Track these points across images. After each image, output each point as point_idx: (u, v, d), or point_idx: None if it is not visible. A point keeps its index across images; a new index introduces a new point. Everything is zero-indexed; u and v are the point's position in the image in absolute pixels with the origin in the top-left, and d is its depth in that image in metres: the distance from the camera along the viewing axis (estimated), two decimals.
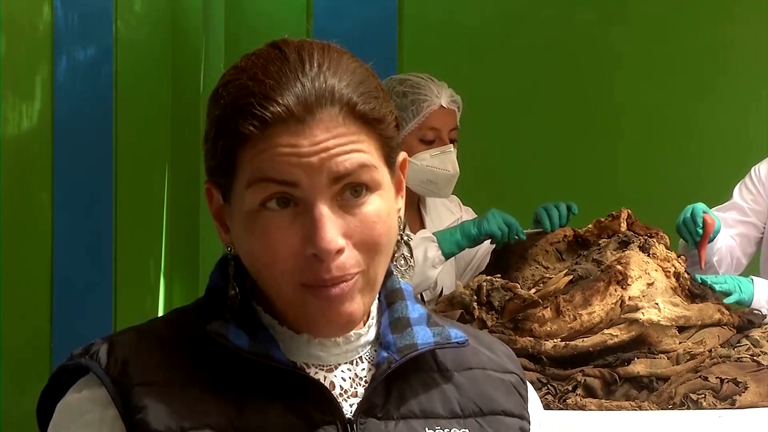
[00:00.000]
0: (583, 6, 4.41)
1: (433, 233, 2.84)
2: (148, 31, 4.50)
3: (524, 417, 1.17)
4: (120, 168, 4.26)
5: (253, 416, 1.06)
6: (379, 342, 1.14)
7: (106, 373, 1.06)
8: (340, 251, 1.04)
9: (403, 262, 1.15)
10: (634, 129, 4.32)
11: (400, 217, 1.14)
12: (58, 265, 4.04)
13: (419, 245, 2.77)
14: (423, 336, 1.13)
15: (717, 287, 2.57)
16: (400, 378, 1.12)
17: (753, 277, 2.73)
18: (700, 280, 2.54)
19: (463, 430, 1.12)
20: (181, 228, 4.42)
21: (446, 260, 2.81)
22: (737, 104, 4.22)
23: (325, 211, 1.04)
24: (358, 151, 1.05)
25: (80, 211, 4.09)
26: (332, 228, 1.04)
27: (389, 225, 1.09)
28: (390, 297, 1.17)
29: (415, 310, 1.16)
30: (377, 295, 1.14)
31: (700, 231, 2.76)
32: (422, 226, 3.02)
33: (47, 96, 4.00)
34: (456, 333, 1.15)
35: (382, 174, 1.08)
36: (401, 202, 1.15)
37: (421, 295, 2.82)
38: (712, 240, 2.82)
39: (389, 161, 1.10)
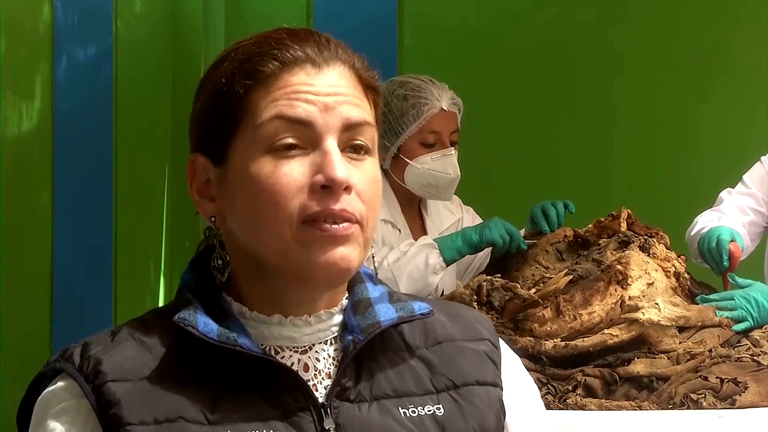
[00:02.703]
0: (583, 6, 4.41)
1: (434, 239, 2.84)
2: (148, 31, 4.49)
3: (498, 384, 1.17)
4: (120, 168, 4.26)
5: (227, 406, 1.07)
6: (345, 327, 1.15)
7: (80, 372, 1.08)
8: (348, 189, 1.08)
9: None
10: (634, 129, 4.32)
11: None
12: (58, 265, 4.03)
13: (420, 252, 2.77)
14: (385, 313, 1.14)
15: (720, 314, 2.45)
16: (369, 359, 1.13)
17: None
18: (702, 302, 2.47)
19: (437, 405, 1.12)
20: (181, 228, 4.42)
21: (447, 267, 2.80)
22: (737, 104, 4.22)
23: (336, 148, 1.08)
24: (363, 109, 1.11)
25: (80, 211, 4.09)
26: (343, 163, 1.08)
27: (380, 192, 1.13)
28: (349, 281, 1.17)
29: (375, 290, 1.17)
30: None
31: (726, 264, 2.68)
32: (423, 226, 3.02)
33: (47, 96, 3.99)
34: (419, 306, 1.16)
35: (376, 146, 1.13)
36: None
37: None
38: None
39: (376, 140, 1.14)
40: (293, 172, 1.07)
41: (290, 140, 1.08)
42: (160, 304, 4.40)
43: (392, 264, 2.74)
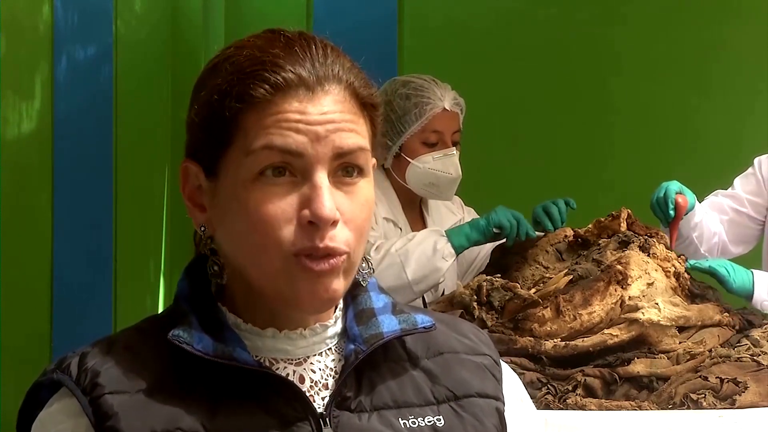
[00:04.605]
0: (582, 6, 4.42)
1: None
2: (148, 31, 4.50)
3: (499, 398, 1.17)
4: (120, 168, 4.26)
5: (225, 418, 1.06)
6: (346, 335, 1.14)
7: (77, 385, 1.07)
8: (335, 223, 1.06)
9: (364, 264, 1.15)
10: (632, 128, 4.33)
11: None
12: (58, 265, 4.03)
13: (428, 237, 2.76)
14: (388, 324, 1.13)
15: (704, 266, 2.58)
16: (370, 369, 1.12)
17: (753, 271, 2.70)
18: (690, 265, 2.54)
19: (437, 416, 1.12)
20: (181, 228, 4.42)
21: (457, 254, 2.78)
22: (735, 104, 4.23)
23: (325, 181, 1.06)
24: (358, 132, 1.09)
25: (80, 211, 4.09)
26: (331, 198, 1.06)
27: (371, 213, 1.11)
28: (353, 290, 1.17)
29: (379, 300, 1.16)
30: None
31: (672, 213, 2.76)
32: (424, 226, 3.02)
33: (47, 96, 3.99)
34: (422, 318, 1.15)
35: (370, 164, 1.11)
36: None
37: (423, 297, 2.81)
38: (688, 212, 2.82)
39: (373, 151, 1.13)
40: (281, 204, 1.06)
41: (280, 168, 1.06)
42: (160, 304, 4.42)
43: (399, 249, 2.73)
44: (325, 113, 1.07)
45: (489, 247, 2.91)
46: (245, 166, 1.07)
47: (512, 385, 1.21)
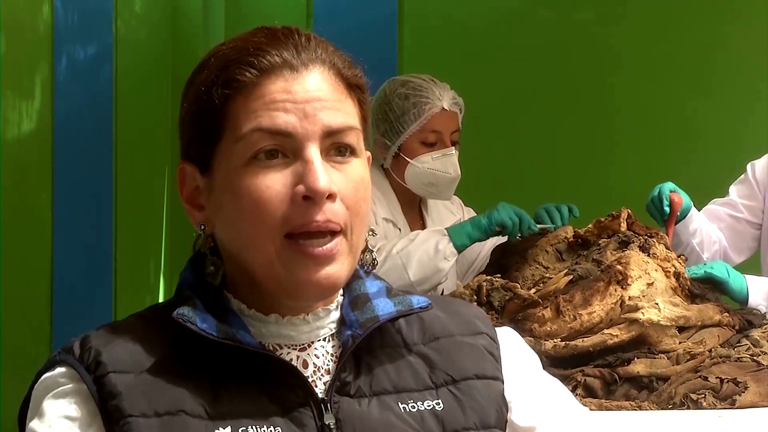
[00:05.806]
0: (581, 6, 4.42)
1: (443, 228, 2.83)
2: (148, 31, 4.50)
3: (498, 378, 1.17)
4: (120, 168, 4.26)
5: (227, 401, 1.07)
6: (344, 323, 1.15)
7: (81, 363, 1.07)
8: (331, 196, 1.07)
9: (368, 256, 1.16)
10: (632, 129, 4.33)
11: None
12: (58, 265, 4.03)
13: (430, 238, 2.76)
14: (383, 307, 1.14)
15: (700, 273, 2.57)
16: (368, 355, 1.13)
17: (746, 276, 2.70)
18: (688, 274, 2.54)
19: (436, 400, 1.12)
20: (181, 228, 4.42)
21: (458, 253, 2.78)
22: (735, 104, 4.23)
23: (317, 156, 1.07)
24: (346, 112, 1.10)
25: (80, 211, 4.09)
26: (325, 172, 1.07)
27: (368, 195, 1.12)
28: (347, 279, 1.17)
29: (373, 285, 1.17)
30: None
31: (667, 210, 2.77)
32: (423, 226, 3.02)
33: (47, 96, 4.00)
34: (418, 300, 1.16)
35: (362, 145, 1.12)
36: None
37: None
38: (683, 218, 2.83)
39: (364, 139, 1.13)
40: (275, 184, 1.06)
41: (271, 150, 1.07)
42: None
43: (401, 251, 2.73)
44: (311, 91, 1.08)
45: (489, 247, 2.91)
46: (236, 153, 1.07)
47: (512, 356, 1.21)
